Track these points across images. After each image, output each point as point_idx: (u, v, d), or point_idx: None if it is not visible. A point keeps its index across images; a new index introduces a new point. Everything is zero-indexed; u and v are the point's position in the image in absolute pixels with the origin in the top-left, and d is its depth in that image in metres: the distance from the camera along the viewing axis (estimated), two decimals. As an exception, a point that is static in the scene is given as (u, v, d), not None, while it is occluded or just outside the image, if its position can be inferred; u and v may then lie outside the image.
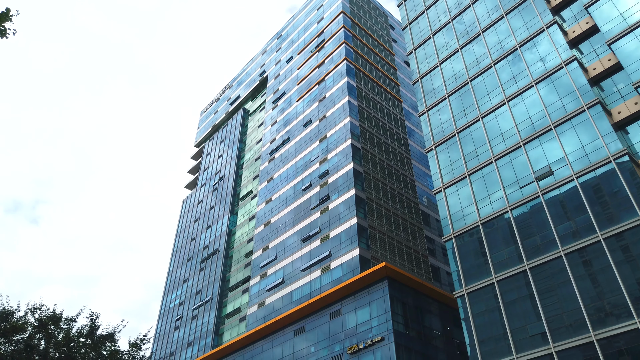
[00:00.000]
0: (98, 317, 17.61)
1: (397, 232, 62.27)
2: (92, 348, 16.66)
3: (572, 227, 32.37)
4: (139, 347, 17.79)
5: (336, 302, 54.25)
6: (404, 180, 69.71)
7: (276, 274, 66.18)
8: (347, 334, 51.09)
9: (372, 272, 49.67)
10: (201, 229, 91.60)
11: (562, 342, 30.08)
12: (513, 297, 33.71)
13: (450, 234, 39.70)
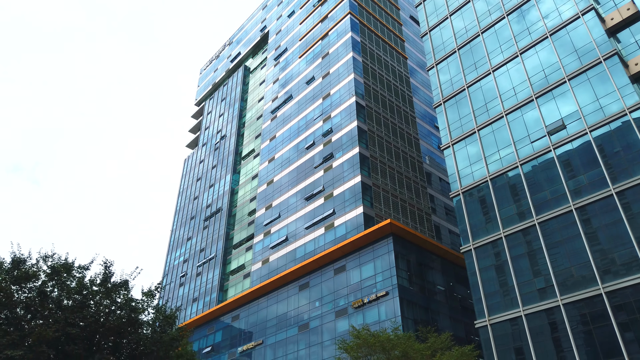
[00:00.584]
0: (112, 265, 17.38)
1: (401, 190, 62.04)
2: (105, 296, 16.48)
3: (584, 182, 31.99)
4: (152, 295, 17.64)
5: (340, 258, 54.56)
6: (408, 138, 68.93)
7: (280, 232, 66.39)
8: (352, 289, 51.62)
9: (377, 229, 49.74)
10: (203, 188, 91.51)
11: (569, 294, 30.24)
12: (521, 251, 33.72)
13: (458, 190, 39.39)
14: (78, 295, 16.50)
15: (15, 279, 15.97)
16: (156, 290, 17.73)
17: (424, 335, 25.25)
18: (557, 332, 30.41)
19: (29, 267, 16.30)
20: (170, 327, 17.89)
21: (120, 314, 16.42)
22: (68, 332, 14.89)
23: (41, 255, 16.74)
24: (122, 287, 16.96)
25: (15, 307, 15.75)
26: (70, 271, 16.82)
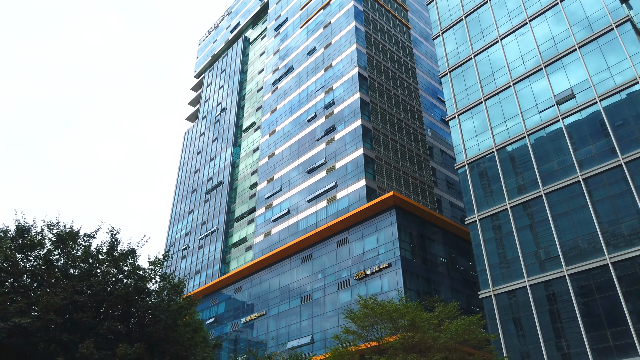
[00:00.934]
0: (118, 233, 17.08)
1: (403, 163, 61.68)
2: (112, 264, 16.23)
3: (592, 152, 31.58)
4: (160, 264, 17.42)
5: (343, 231, 54.58)
6: (411, 111, 68.14)
7: (281, 205, 66.28)
8: (354, 261, 51.75)
9: (381, 201, 49.57)
10: (204, 162, 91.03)
11: (575, 265, 30.19)
12: (526, 222, 33.54)
13: (464, 162, 38.99)
14: (84, 264, 16.27)
15: (21, 247, 15.69)
16: (164, 258, 17.50)
17: (431, 305, 25.23)
18: (562, 302, 30.47)
19: (33, 235, 16.00)
20: (178, 295, 17.73)
21: (128, 282, 16.21)
22: (76, 300, 14.68)
23: (46, 223, 16.44)
24: (129, 255, 16.70)
25: (21, 275, 15.52)
26: (76, 239, 16.52)
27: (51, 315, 13.87)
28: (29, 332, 14.01)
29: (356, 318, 24.41)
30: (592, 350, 28.36)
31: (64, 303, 14.15)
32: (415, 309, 22.99)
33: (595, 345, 28.38)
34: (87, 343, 13.85)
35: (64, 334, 14.24)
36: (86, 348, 13.73)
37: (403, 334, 22.12)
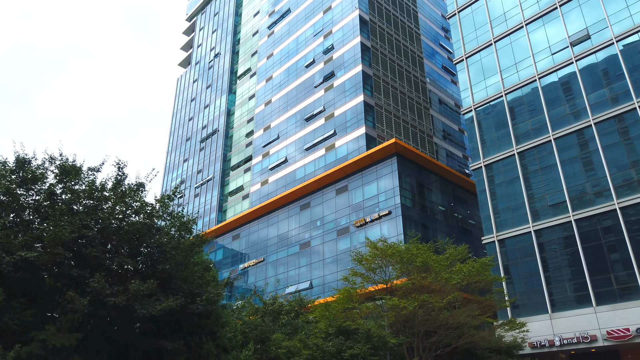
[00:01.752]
0: (126, 166, 16.18)
1: (404, 111, 60.51)
2: (119, 199, 15.40)
3: (606, 95, 30.71)
4: (171, 199, 16.66)
5: (342, 179, 54.09)
6: (412, 57, 66.22)
7: (278, 153, 65.38)
8: (354, 209, 51.57)
9: (382, 149, 48.86)
10: (198, 109, 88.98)
11: (582, 210, 30.00)
12: (534, 168, 33.06)
13: (471, 106, 38.01)
14: (89, 200, 15.43)
15: (22, 181, 14.78)
16: (174, 194, 16.71)
17: (441, 247, 25.01)
18: (568, 247, 30.51)
19: (35, 167, 15.05)
20: (188, 233, 17.09)
21: (136, 219, 15.46)
22: (84, 235, 13.96)
23: (47, 156, 15.46)
24: (138, 189, 15.88)
25: (22, 210, 14.70)
26: (79, 174, 15.58)
27: (59, 249, 13.17)
28: (36, 266, 13.37)
29: (364, 260, 24.17)
30: (595, 294, 28.64)
31: (73, 237, 13.42)
32: (427, 251, 22.75)
33: (598, 289, 28.64)
34: (98, 277, 13.26)
35: (72, 269, 13.62)
36: (97, 282, 13.15)
37: (415, 274, 21.97)
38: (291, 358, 19.62)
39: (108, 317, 13.88)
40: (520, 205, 33.00)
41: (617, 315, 27.24)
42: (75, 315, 13.28)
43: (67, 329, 13.24)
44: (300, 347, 19.68)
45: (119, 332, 14.93)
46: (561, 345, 29.05)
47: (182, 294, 15.16)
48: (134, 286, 13.57)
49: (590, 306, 28.63)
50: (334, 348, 18.86)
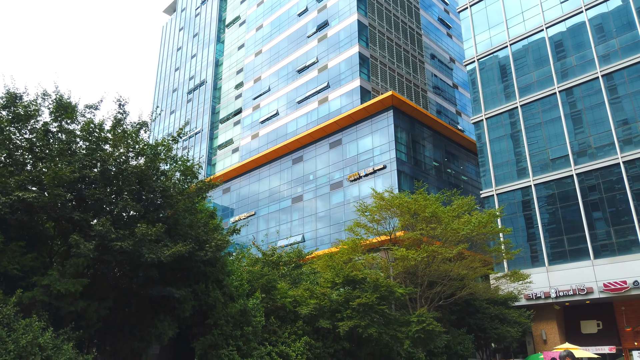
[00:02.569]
0: (127, 103, 14.96)
1: (399, 64, 59.01)
2: (120, 140, 14.24)
3: (615, 47, 29.85)
4: (175, 141, 15.59)
5: (336, 132, 53.08)
6: (408, 7, 64.04)
7: (269, 105, 63.75)
8: (348, 163, 50.90)
9: (378, 102, 47.75)
10: (185, 59, 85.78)
11: (585, 164, 29.71)
12: (536, 121, 32.48)
13: (473, 57, 36.87)
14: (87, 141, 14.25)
15: (13, 117, 13.52)
16: (179, 136, 15.62)
17: (448, 198, 24.54)
18: (568, 201, 30.41)
19: (27, 103, 13.75)
20: (194, 178, 16.15)
21: (139, 162, 14.40)
22: (85, 175, 12.92)
23: (41, 91, 14.12)
24: (142, 129, 14.73)
25: (15, 150, 13.53)
26: (75, 112, 14.31)
27: (59, 190, 12.16)
28: (34, 208, 12.39)
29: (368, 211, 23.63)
30: (593, 247, 28.79)
31: (75, 177, 12.39)
32: (435, 201, 22.28)
33: (596, 242, 28.77)
34: (103, 220, 12.37)
35: (74, 213, 12.67)
36: (102, 226, 12.26)
37: (423, 225, 21.56)
38: (297, 307, 19.27)
39: (113, 262, 13.09)
40: (521, 159, 32.60)
41: (615, 268, 27.50)
42: (79, 260, 12.46)
43: (71, 275, 12.45)
44: (307, 296, 19.30)
45: (124, 279, 14.23)
46: (557, 297, 29.41)
47: (190, 239, 14.40)
48: (141, 230, 12.73)
49: (587, 259, 28.83)
50: (341, 297, 18.50)
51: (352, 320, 17.94)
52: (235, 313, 16.58)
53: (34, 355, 10.73)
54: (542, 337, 30.61)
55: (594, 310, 30.53)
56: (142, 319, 14.77)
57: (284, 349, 18.08)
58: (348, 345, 19.28)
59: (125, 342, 14.36)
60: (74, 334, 12.20)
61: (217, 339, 15.90)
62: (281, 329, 18.82)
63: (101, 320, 13.60)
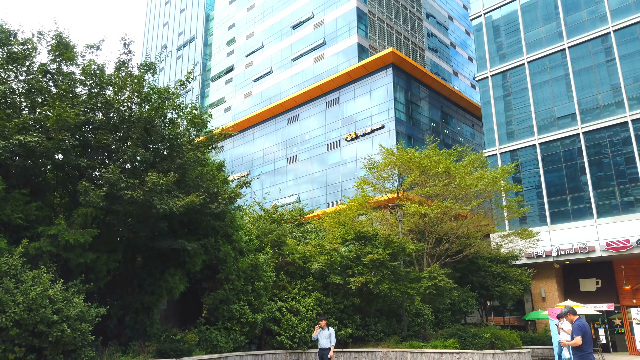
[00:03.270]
0: (133, 42, 13.80)
1: (397, 20, 57.31)
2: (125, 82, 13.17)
3: (629, 1, 28.84)
4: (184, 86, 14.57)
5: (333, 90, 51.82)
6: (408, -40, 61.73)
7: (263, 63, 61.94)
8: (345, 122, 49.94)
9: (377, 59, 46.43)
10: (174, 13, 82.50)
11: (592, 122, 29.23)
12: (543, 78, 31.70)
13: (480, 11, 35.58)
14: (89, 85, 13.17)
15: (8, 57, 12.37)
16: (187, 80, 14.57)
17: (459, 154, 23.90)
18: (573, 160, 30.06)
19: (23, 40, 12.58)
20: (203, 127, 15.25)
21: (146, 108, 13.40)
22: (90, 119, 11.96)
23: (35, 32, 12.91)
24: (149, 71, 13.67)
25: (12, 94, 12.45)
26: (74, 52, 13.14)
27: (64, 134, 11.22)
28: (37, 154, 11.46)
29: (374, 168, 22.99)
30: (597, 206, 28.68)
31: (81, 120, 11.42)
32: (449, 156, 21.70)
33: (600, 201, 28.63)
34: (112, 168, 11.51)
35: (80, 159, 11.78)
36: (112, 173, 11.41)
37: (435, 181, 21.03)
38: (307, 263, 18.82)
39: (123, 213, 12.31)
40: (526, 118, 32.01)
41: (618, 227, 27.47)
42: (88, 210, 11.66)
43: (80, 225, 11.67)
44: (317, 252, 18.83)
45: (132, 232, 13.50)
46: (558, 255, 29.47)
47: (202, 191, 13.65)
48: (152, 178, 11.92)
49: (591, 218, 28.76)
50: (352, 253, 18.05)
51: (364, 276, 17.57)
52: (247, 268, 16.06)
53: (44, 308, 10.09)
54: (541, 295, 30.87)
55: (593, 268, 30.74)
56: (151, 273, 14.17)
57: (294, 305, 17.73)
58: (358, 301, 19.00)
59: (135, 296, 13.80)
60: (84, 287, 11.55)
61: (228, 293, 15.41)
62: (291, 284, 18.43)
63: (110, 273, 12.96)
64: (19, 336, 9.93)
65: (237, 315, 15.42)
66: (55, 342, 10.44)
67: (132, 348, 12.76)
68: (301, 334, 17.36)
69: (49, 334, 10.19)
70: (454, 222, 22.80)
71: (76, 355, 10.92)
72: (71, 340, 10.55)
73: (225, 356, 15.04)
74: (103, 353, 11.88)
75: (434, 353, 17.77)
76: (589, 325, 13.46)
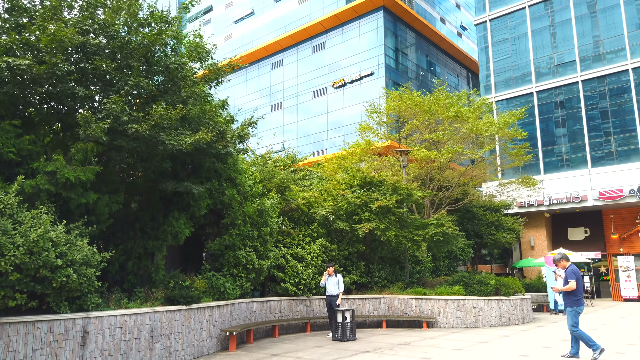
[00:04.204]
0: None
1: (386, -39, 54.57)
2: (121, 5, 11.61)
3: (639, -60, 27.69)
4: (187, 9, 13.06)
5: (320, 34, 49.74)
6: None
7: (244, 3, 58.76)
8: (332, 68, 48.28)
9: (367, 0, 44.42)
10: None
11: (591, 70, 28.68)
12: (544, 23, 30.73)
13: (481, -50, 33.87)
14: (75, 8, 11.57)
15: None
16: (190, 3, 13.03)
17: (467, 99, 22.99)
18: (570, 109, 29.69)
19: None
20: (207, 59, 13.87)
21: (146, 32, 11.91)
22: (87, 42, 10.48)
23: None
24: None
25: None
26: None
27: (59, 58, 9.78)
28: (28, 80, 10.03)
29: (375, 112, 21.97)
30: (592, 156, 28.63)
31: (76, 42, 9.95)
32: (458, 100, 20.85)
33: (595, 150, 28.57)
34: (114, 97, 10.21)
35: (77, 88, 10.40)
36: (114, 104, 10.13)
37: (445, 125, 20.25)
38: (312, 209, 18.08)
39: (127, 150, 11.11)
40: (524, 65, 31.23)
41: (611, 177, 27.59)
42: (88, 145, 10.42)
43: (79, 162, 10.45)
44: (322, 198, 18.07)
45: (135, 171, 12.35)
46: (550, 205, 29.61)
47: (211, 128, 12.49)
48: (160, 111, 10.69)
49: (585, 168, 28.77)
50: (359, 199, 17.35)
51: (371, 223, 16.97)
52: (253, 213, 15.20)
53: (47, 252, 9.06)
54: (530, 243, 31.24)
55: (582, 218, 31.12)
56: (153, 217, 13.15)
57: (298, 251, 17.11)
58: (364, 248, 18.53)
59: (136, 240, 12.82)
60: (87, 230, 10.50)
61: (235, 239, 14.59)
62: (295, 231, 17.73)
63: (112, 217, 11.89)
64: (19, 282, 8.92)
65: (244, 261, 14.70)
66: (60, 289, 9.49)
67: (138, 295, 11.94)
68: (306, 281, 16.85)
69: (53, 279, 9.22)
70: (455, 171, 22.30)
71: (81, 301, 10.03)
72: (77, 286, 9.62)
73: (232, 303, 14.43)
74: (109, 300, 11.02)
75: (440, 299, 17.61)
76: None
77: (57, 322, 9.51)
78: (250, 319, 15.40)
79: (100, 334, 10.14)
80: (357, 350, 12.56)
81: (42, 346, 9.29)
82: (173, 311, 11.77)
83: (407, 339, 14.60)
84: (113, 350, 10.31)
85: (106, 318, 10.27)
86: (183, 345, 11.92)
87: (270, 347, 13.44)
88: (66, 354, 9.55)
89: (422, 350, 12.21)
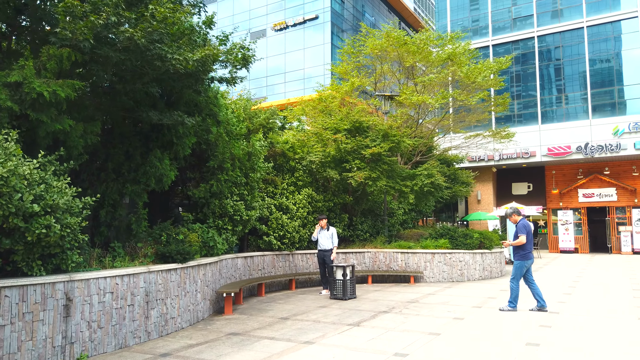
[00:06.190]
0: None
1: None
2: None
3: None
4: None
5: (261, -30, 45.93)
6: None
7: None
8: (272, 9, 45.01)
9: (316, -64, 41.29)
10: None
11: (548, 25, 28.81)
12: (505, -25, 30.19)
13: None
14: None
15: None
16: None
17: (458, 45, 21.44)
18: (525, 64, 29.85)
19: None
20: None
21: None
22: None
23: None
24: None
25: None
26: None
27: None
28: None
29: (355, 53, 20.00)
30: (542, 112, 29.20)
31: None
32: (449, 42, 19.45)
33: (546, 107, 29.15)
34: None
35: None
36: None
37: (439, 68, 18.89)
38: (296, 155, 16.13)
39: (113, 64, 8.35)
40: (482, 17, 30.70)
41: (560, 134, 28.42)
42: (64, 51, 7.57)
43: (54, 72, 7.61)
44: (309, 143, 16.16)
45: (113, 95, 9.56)
46: (500, 159, 30.08)
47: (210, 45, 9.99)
48: (163, 12, 8.11)
49: (535, 124, 29.35)
50: (349, 146, 15.71)
51: (363, 172, 15.50)
52: (242, 156, 13.00)
53: (21, 193, 6.49)
54: (477, 197, 31.83)
55: (526, 173, 32.12)
56: (130, 155, 10.50)
57: (283, 202, 15.24)
58: (351, 199, 17.07)
59: (110, 183, 10.19)
60: (63, 168, 7.86)
61: (222, 186, 12.39)
62: (278, 178, 15.75)
63: (87, 151, 9.16)
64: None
65: (231, 212, 12.60)
66: (34, 244, 6.95)
67: (117, 251, 9.52)
68: (291, 234, 15.13)
69: (27, 230, 6.67)
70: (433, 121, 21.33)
71: (58, 260, 7.50)
72: (57, 240, 7.13)
73: (221, 259, 12.40)
74: (91, 257, 8.54)
75: (426, 253, 16.82)
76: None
77: (31, 288, 6.98)
78: (235, 276, 13.49)
79: (87, 301, 7.76)
80: (372, 310, 11.26)
81: (13, 320, 6.75)
82: (169, 270, 9.55)
83: (408, 295, 13.60)
84: (103, 321, 8.01)
85: (94, 281, 7.88)
86: (179, 310, 9.82)
87: (268, 309, 11.73)
88: (45, 329, 7.12)
89: (441, 309, 11.21)
